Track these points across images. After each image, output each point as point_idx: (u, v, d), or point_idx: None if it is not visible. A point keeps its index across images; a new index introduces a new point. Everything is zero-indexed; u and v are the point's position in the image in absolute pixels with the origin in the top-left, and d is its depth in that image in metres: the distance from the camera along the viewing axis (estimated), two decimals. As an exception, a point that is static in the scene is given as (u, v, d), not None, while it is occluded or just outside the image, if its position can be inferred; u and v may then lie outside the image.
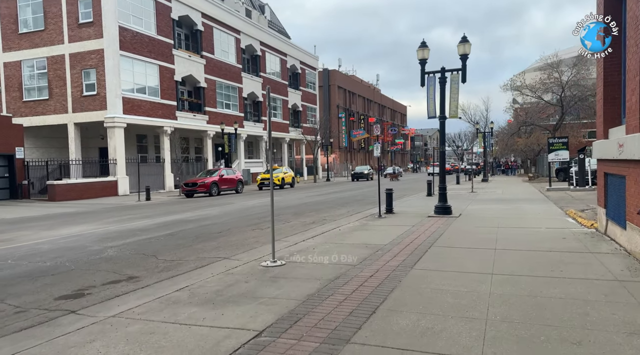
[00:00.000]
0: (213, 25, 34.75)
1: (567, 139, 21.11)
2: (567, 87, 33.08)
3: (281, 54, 45.76)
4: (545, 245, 7.38)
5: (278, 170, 31.98)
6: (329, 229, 10.00)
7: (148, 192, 22.23)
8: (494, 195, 19.24)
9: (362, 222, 11.21)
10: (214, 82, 34.90)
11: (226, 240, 8.86)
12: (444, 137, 12.15)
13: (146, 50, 28.26)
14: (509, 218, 11.21)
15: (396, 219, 11.59)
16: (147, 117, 28.25)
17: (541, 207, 13.58)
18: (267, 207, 16.19)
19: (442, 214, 12.09)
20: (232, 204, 17.95)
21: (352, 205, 16.27)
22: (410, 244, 7.84)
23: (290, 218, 12.42)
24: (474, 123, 43.92)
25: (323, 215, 12.97)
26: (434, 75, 12.15)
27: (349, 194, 22.36)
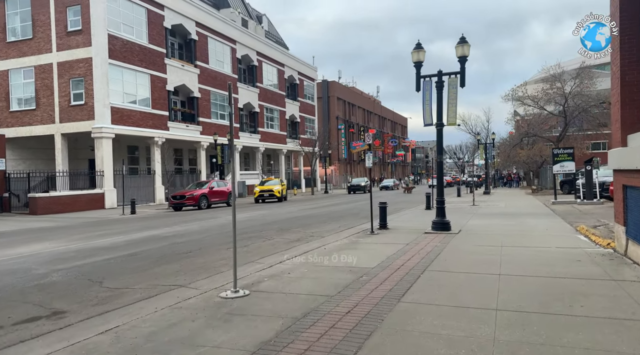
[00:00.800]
0: (208, 35, 34.12)
1: (572, 149, 20.11)
2: (570, 97, 32.19)
3: (278, 64, 45.15)
4: (558, 270, 6.33)
5: (274, 181, 30.21)
6: (314, 247, 8.96)
7: (133, 206, 21.23)
8: (497, 209, 18.19)
9: (352, 239, 10.16)
10: (208, 92, 34.14)
11: (192, 262, 7.82)
12: (441, 146, 11.17)
13: (137, 59, 27.52)
14: (513, 235, 10.15)
15: (389, 236, 10.55)
16: (137, 127, 27.39)
17: (548, 223, 12.52)
18: (254, 221, 15.22)
19: (440, 230, 11.05)
20: (218, 218, 16.91)
21: (345, 220, 15.23)
22: (401, 268, 6.80)
23: (273, 234, 11.38)
24: (474, 134, 42.96)
25: (311, 231, 11.93)
26: (430, 79, 11.21)
27: (344, 207, 21.32)
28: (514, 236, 9.95)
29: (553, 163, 20.38)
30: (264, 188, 28.54)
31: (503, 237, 9.88)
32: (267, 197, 28.14)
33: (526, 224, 12.40)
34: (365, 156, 11.42)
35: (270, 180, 30.54)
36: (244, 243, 9.90)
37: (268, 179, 32.12)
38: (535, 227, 11.62)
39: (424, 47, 11.06)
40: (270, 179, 31.42)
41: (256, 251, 8.81)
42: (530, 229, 11.13)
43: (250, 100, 39.94)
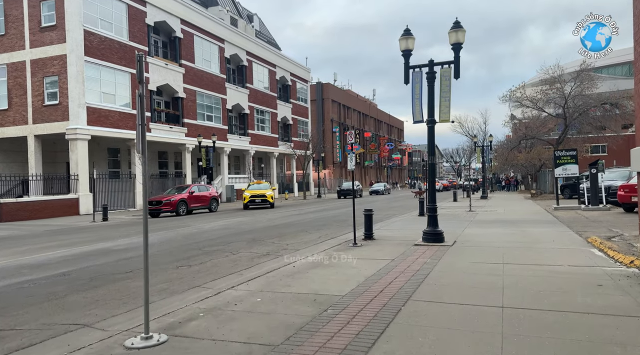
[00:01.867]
0: (194, 33, 32.77)
1: (575, 151, 18.80)
2: (570, 99, 30.96)
3: (270, 64, 43.83)
4: (577, 301, 4.95)
5: (263, 185, 27.63)
6: (281, 265, 7.56)
7: (105, 212, 19.78)
8: (495, 215, 16.84)
9: (330, 253, 8.77)
10: (194, 92, 32.75)
11: (124, 287, 6.40)
12: (433, 145, 9.81)
13: (116, 57, 26.12)
14: (516, 248, 8.79)
15: (373, 249, 9.16)
16: (115, 128, 25.95)
17: (554, 232, 11.16)
18: (228, 230, 13.76)
19: (432, 241, 9.67)
20: (189, 226, 15.45)
21: (329, 228, 13.84)
22: (379, 295, 5.42)
23: (240, 248, 9.95)
24: (471, 136, 41.68)
25: (286, 243, 10.52)
26: (420, 70, 9.86)
27: (331, 214, 19.90)
28: (516, 249, 8.58)
29: (555, 166, 19.08)
30: (256, 193, 25.47)
31: (504, 250, 8.51)
32: (259, 204, 25.28)
33: (529, 233, 11.04)
34: (348, 157, 10.05)
35: (259, 184, 27.55)
36: (200, 259, 8.48)
37: (257, 182, 28.87)
38: (540, 237, 10.26)
39: (423, 51, 9.73)
40: (260, 182, 28.41)
41: (210, 271, 7.40)
42: (534, 240, 9.76)
43: (240, 102, 38.57)
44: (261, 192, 25.34)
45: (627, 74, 69.93)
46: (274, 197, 26.17)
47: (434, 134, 9.87)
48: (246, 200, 25.15)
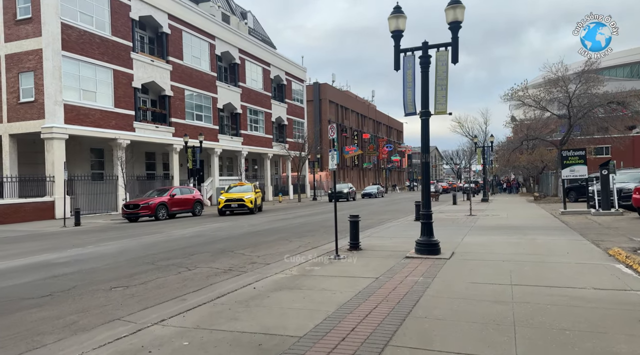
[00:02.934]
0: (182, 29, 31.45)
1: (584, 151, 17.42)
2: (574, 98, 29.57)
3: (264, 63, 42.50)
4: (621, 351, 3.57)
5: (245, 187, 23.87)
6: (239, 285, 6.17)
7: (78, 216, 18.39)
8: (498, 220, 15.45)
9: (305, 269, 7.39)
10: (182, 90, 31.40)
11: (15, 321, 4.99)
12: (427, 141, 8.43)
13: (97, 52, 24.79)
14: (524, 262, 7.41)
15: (357, 263, 7.79)
16: (96, 127, 24.59)
17: (566, 241, 9.78)
18: (200, 238, 12.27)
19: (427, 253, 8.29)
20: (159, 233, 14.00)
21: (314, 235, 12.45)
22: (349, 336, 4.03)
23: (202, 261, 8.54)
24: (471, 137, 40.32)
25: (258, 254, 9.13)
26: (413, 54, 8.49)
27: (320, 219, 18.49)
28: (525, 264, 7.20)
29: (562, 167, 17.69)
30: (232, 196, 21.84)
31: (511, 265, 7.13)
32: (236, 209, 21.77)
33: (538, 243, 9.64)
34: (329, 155, 8.67)
35: (241, 186, 24.18)
36: (145, 277, 7.09)
37: (238, 184, 25.50)
38: (551, 248, 8.87)
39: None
40: (242, 184, 25.04)
41: (148, 294, 6.01)
42: (545, 252, 8.37)
43: (232, 101, 37.23)
44: (238, 196, 21.87)
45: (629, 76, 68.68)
46: (255, 201, 22.60)
47: (429, 129, 8.50)
48: (221, 205, 21.78)
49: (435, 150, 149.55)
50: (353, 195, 39.33)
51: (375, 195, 44.31)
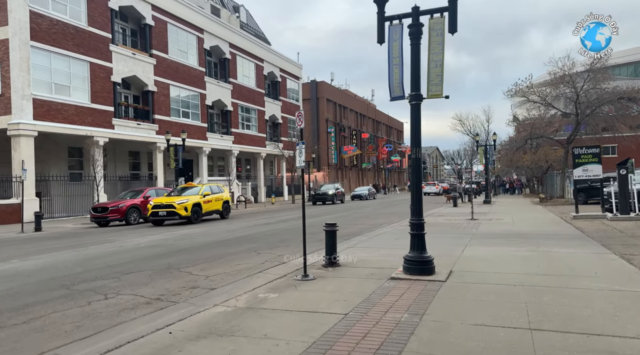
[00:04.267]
0: (167, 20, 29.77)
1: (599, 149, 15.68)
2: (582, 93, 27.82)
3: (257, 59, 40.79)
4: None
5: (195, 189, 19.51)
6: (150, 329, 4.45)
7: (38, 220, 16.73)
8: (503, 226, 13.73)
9: (259, 295, 5.69)
10: (167, 85, 29.71)
11: None
12: (418, 132, 6.72)
13: (71, 44, 23.11)
14: (542, 287, 5.69)
15: (328, 287, 6.08)
16: (69, 124, 22.92)
17: (588, 256, 8.06)
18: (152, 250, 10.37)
19: (417, 272, 6.58)
20: (111, 242, 12.20)
21: (290, 245, 10.74)
22: None
23: (132, 284, 6.76)
24: (473, 135, 38.57)
25: (206, 274, 7.40)
26: (400, 22, 6.78)
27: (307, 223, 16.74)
28: (545, 292, 5.47)
29: (574, 166, 15.97)
30: (162, 202, 17.72)
31: (526, 294, 5.41)
32: (164, 217, 17.51)
33: (554, 258, 7.92)
34: (297, 149, 6.97)
35: (192, 188, 19.87)
36: (41, 310, 5.35)
37: (187, 184, 21.66)
38: (573, 265, 7.16)
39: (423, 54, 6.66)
40: (191, 185, 20.83)
41: (10, 344, 4.29)
42: (566, 272, 6.65)
43: (222, 98, 35.52)
44: (169, 201, 17.65)
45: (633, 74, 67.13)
46: (196, 208, 18.14)
47: (420, 116, 6.78)
48: (149, 213, 17.78)
49: (437, 150, 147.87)
50: (341, 197, 35.40)
51: (366, 197, 41.03)
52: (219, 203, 20.23)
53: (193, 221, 18.01)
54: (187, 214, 17.67)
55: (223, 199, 20.65)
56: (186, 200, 18.00)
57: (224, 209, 20.57)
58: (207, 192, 19.57)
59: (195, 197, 18.62)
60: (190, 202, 18.08)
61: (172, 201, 17.76)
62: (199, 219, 18.51)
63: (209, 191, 19.91)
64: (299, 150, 6.88)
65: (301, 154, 6.83)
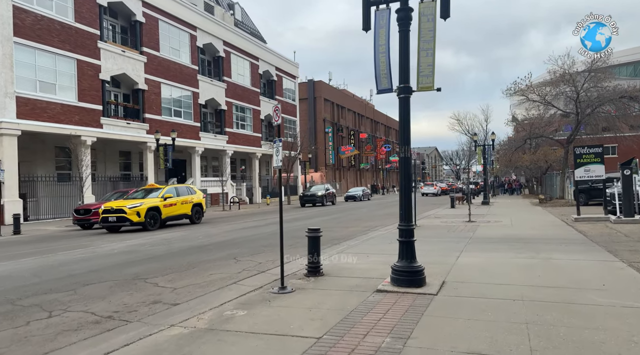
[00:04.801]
0: (158, 17, 29.11)
1: (601, 148, 15.05)
2: (582, 91, 27.20)
3: (252, 57, 40.14)
4: None
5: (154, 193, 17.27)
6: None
7: (17, 223, 16.05)
8: (501, 229, 13.09)
9: (225, 313, 5.04)
10: (159, 84, 29.04)
11: None
12: (408, 129, 6.07)
13: (57, 40, 22.44)
14: (545, 303, 5.04)
15: (305, 302, 5.43)
16: (56, 123, 22.25)
17: (593, 264, 7.42)
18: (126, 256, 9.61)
19: (406, 284, 5.93)
20: (88, 247, 11.49)
21: (272, 250, 10.03)
22: None
23: (87, 298, 6.04)
24: (471, 135, 37.93)
25: (173, 286, 6.73)
26: (387, 6, 6.12)
27: (296, 226, 16.08)
28: (548, 310, 4.82)
29: (575, 166, 15.33)
30: (114, 205, 15.86)
31: (527, 312, 4.76)
32: (115, 223, 15.69)
33: (557, 266, 7.27)
34: (274, 148, 6.32)
35: (151, 189, 17.88)
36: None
37: (148, 186, 19.59)
38: (577, 276, 6.51)
39: None
40: (153, 187, 18.86)
41: None
42: (571, 284, 6.00)
43: (215, 96, 34.86)
44: (119, 205, 15.82)
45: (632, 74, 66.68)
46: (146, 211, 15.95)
47: (409, 111, 6.12)
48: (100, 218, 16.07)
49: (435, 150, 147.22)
50: (331, 199, 33.95)
51: (360, 198, 40.02)
52: (186, 206, 18.12)
53: (149, 228, 15.87)
54: (139, 219, 15.59)
55: (193, 202, 18.59)
56: (139, 204, 15.93)
57: (194, 213, 18.58)
58: (169, 194, 17.31)
59: (153, 201, 16.53)
60: (145, 206, 15.96)
61: (123, 205, 15.75)
62: (157, 226, 16.30)
63: (172, 193, 17.60)
64: (275, 149, 6.23)
65: (278, 152, 6.18)
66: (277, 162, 6.26)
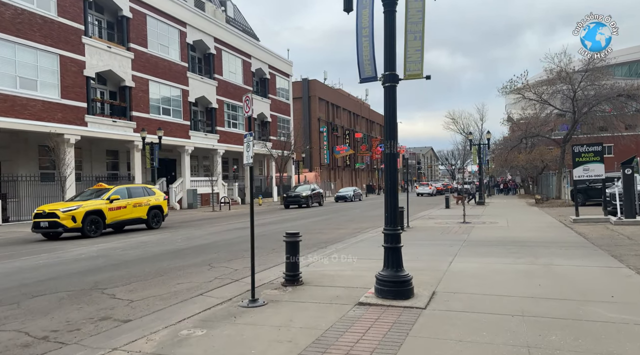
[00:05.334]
0: (146, 13, 28.33)
1: (600, 146, 14.48)
2: (579, 90, 26.68)
3: (244, 55, 39.39)
4: None
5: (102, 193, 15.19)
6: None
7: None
8: (497, 231, 12.49)
9: (181, 332, 4.38)
10: (146, 81, 28.26)
11: None
12: (394, 120, 5.43)
13: (39, 35, 21.64)
14: (548, 319, 4.41)
15: (276, 318, 4.77)
16: (37, 121, 21.44)
17: (598, 270, 6.80)
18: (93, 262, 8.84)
19: (392, 296, 5.29)
20: (58, 251, 10.74)
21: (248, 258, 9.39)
22: None
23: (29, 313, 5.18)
24: (466, 134, 37.38)
25: (130, 298, 6.03)
26: (370, -14, 5.46)
27: (282, 228, 15.41)
28: (551, 328, 4.18)
29: (574, 165, 14.75)
30: (46, 209, 14.00)
31: (527, 331, 4.12)
32: (47, 229, 13.73)
33: (559, 274, 6.65)
34: (244, 143, 5.66)
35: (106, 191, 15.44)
36: None
37: (98, 186, 16.73)
38: (582, 285, 5.89)
39: None
40: (100, 186, 16.52)
41: None
42: (576, 295, 5.37)
43: (206, 94, 34.10)
44: (52, 209, 13.91)
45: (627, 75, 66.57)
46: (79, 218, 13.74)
47: (396, 101, 5.47)
48: None
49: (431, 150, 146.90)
50: (318, 200, 31.93)
51: (351, 198, 38.65)
52: (140, 209, 16.01)
53: (89, 234, 13.82)
54: (75, 225, 13.56)
55: (150, 205, 16.39)
56: (75, 207, 13.75)
57: (150, 217, 16.40)
58: (116, 195, 15.09)
59: (95, 203, 14.46)
60: (83, 209, 13.83)
61: (56, 208, 13.79)
62: (99, 232, 14.27)
63: (121, 194, 15.44)
64: (246, 144, 5.56)
65: (249, 148, 5.52)
66: (247, 158, 5.59)
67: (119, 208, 15.21)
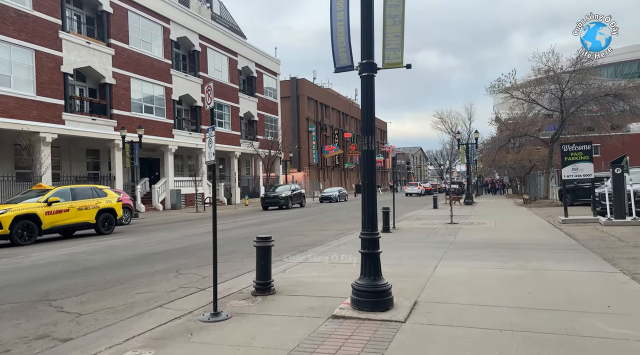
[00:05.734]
0: (127, 8, 27.53)
1: (590, 145, 14.18)
2: (567, 89, 26.54)
3: (230, 52, 38.69)
4: None
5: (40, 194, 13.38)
6: None
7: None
8: (485, 232, 12.08)
9: (130, 352, 3.81)
10: (128, 78, 27.46)
11: None
12: (372, 114, 4.93)
13: (12, 29, 20.80)
14: (540, 334, 3.95)
15: (238, 335, 4.24)
16: (10, 118, 20.60)
17: (591, 275, 6.39)
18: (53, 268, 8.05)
19: (368, 308, 4.78)
20: (13, 256, 10.00)
21: (227, 261, 8.84)
22: None
23: None
24: (454, 133, 37.13)
25: (78, 312, 5.43)
26: (345, -35, 4.95)
27: (263, 230, 14.88)
28: (545, 345, 3.71)
29: (562, 165, 14.44)
30: None
31: (518, 348, 3.65)
32: None
33: (550, 279, 6.21)
34: (206, 139, 5.12)
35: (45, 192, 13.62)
36: None
37: (38, 187, 15.02)
38: (575, 292, 5.45)
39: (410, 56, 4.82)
40: (40, 187, 14.90)
41: None
42: (569, 304, 4.92)
43: (190, 92, 33.37)
44: None
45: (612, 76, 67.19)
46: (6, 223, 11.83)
47: (374, 93, 4.97)
48: None
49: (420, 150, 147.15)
50: (299, 200, 30.38)
51: (336, 199, 37.30)
52: (87, 213, 14.13)
53: (19, 242, 11.99)
54: (2, 231, 11.73)
55: (99, 208, 14.55)
56: (3, 211, 11.89)
57: (100, 222, 14.58)
58: (55, 198, 13.16)
59: (29, 206, 12.58)
60: (11, 213, 11.93)
61: None
62: (33, 239, 12.45)
63: (62, 196, 13.55)
64: (208, 140, 5.03)
65: (211, 144, 4.98)
66: (209, 155, 5.04)
67: (59, 212, 13.24)
